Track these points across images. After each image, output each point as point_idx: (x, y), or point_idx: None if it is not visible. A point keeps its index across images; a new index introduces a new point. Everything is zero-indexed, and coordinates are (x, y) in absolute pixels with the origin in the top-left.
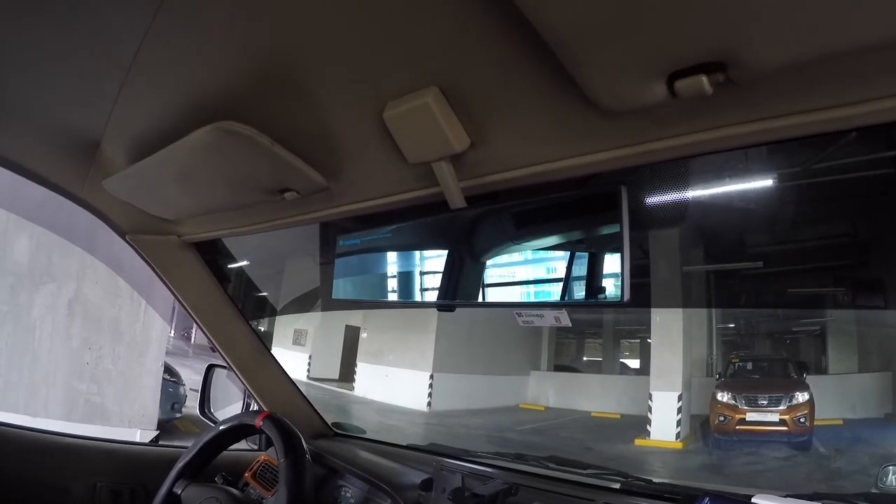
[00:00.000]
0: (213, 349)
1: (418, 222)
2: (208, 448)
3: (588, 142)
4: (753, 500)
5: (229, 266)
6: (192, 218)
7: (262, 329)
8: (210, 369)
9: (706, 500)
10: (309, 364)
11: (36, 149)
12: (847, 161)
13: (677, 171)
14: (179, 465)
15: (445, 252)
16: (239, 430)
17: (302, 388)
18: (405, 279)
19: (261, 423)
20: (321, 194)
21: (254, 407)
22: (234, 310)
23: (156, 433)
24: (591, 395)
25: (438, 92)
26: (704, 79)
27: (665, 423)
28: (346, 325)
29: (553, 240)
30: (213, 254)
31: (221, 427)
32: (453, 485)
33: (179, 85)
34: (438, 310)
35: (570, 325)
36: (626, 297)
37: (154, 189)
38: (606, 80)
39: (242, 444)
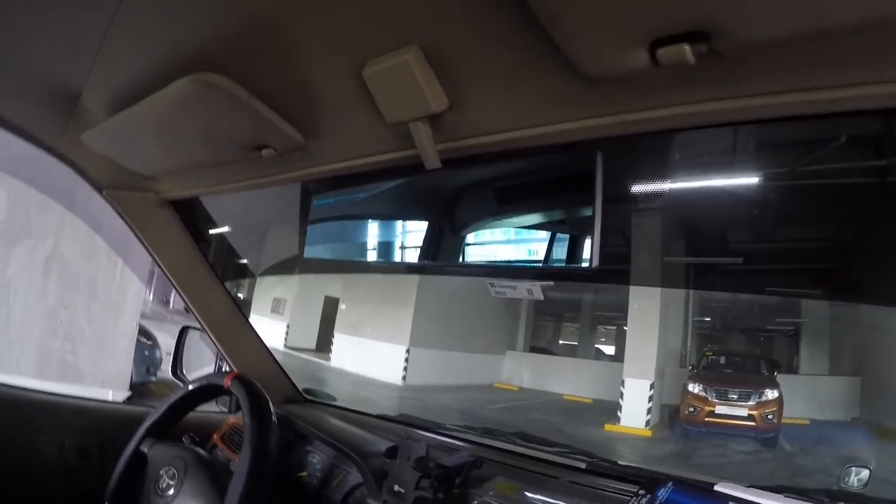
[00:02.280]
0: (187, 309)
1: (393, 184)
2: (177, 407)
3: (568, 109)
4: (716, 487)
5: (207, 227)
6: (170, 174)
7: (241, 296)
8: (184, 331)
9: (669, 485)
10: (287, 333)
11: (15, 100)
12: (833, 166)
13: (662, 151)
14: (147, 423)
15: (418, 214)
16: (208, 390)
17: (278, 357)
18: (376, 240)
19: (229, 383)
20: (298, 153)
21: (226, 370)
22: (210, 271)
23: (128, 394)
24: (564, 378)
25: (419, 51)
26: (687, 48)
27: (636, 410)
28: (326, 296)
29: (528, 205)
30: (190, 213)
31: (190, 387)
32: (418, 454)
33: (161, 36)
34: (408, 270)
35: (542, 298)
36: (596, 263)
37: (132, 143)
38: (588, 44)
39: (213, 407)
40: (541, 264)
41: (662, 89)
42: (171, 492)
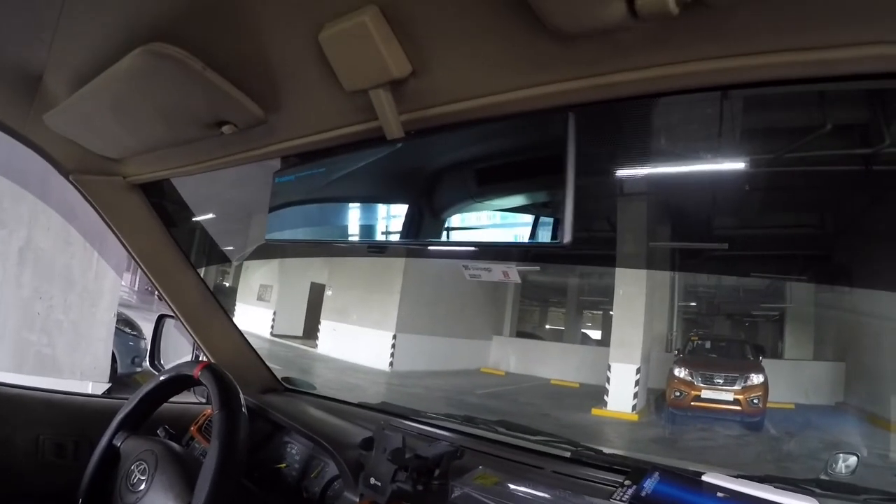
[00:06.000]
0: (160, 297)
1: (356, 159)
2: (148, 399)
3: (540, 71)
4: (704, 478)
5: (179, 212)
6: (135, 157)
7: (226, 284)
8: (161, 319)
9: (656, 474)
10: (273, 320)
11: None
12: (819, 154)
13: (643, 121)
14: (119, 417)
15: (383, 190)
16: (178, 380)
17: (265, 345)
18: (339, 218)
19: (199, 373)
20: (260, 129)
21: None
22: (182, 257)
23: (108, 386)
24: (551, 363)
25: (378, 12)
26: None
27: (622, 394)
28: (312, 283)
29: (495, 176)
30: (160, 198)
31: (161, 378)
32: (394, 445)
33: (115, 7)
34: (368, 250)
35: (520, 281)
36: (568, 238)
37: (92, 123)
38: None
39: (190, 398)
40: (515, 241)
41: (644, 47)
42: (143, 487)
